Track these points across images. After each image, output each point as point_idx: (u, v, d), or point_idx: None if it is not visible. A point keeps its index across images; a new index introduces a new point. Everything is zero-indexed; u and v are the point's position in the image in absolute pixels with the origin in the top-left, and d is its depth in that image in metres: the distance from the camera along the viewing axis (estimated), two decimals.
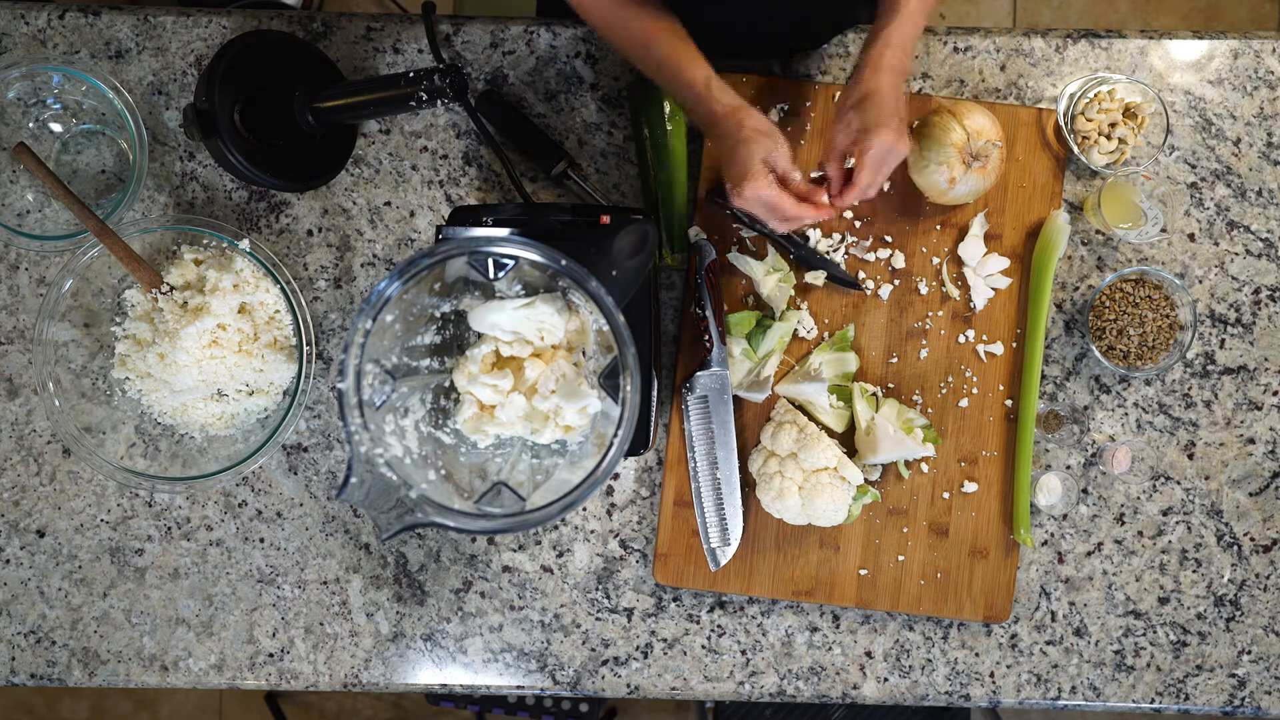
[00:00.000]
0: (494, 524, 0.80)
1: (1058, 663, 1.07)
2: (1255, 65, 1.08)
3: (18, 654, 1.08)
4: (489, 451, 0.91)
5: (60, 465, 1.08)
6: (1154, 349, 1.05)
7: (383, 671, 1.08)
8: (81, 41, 1.09)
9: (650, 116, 1.04)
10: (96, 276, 1.04)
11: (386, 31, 1.09)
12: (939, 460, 1.06)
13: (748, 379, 1.05)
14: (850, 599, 1.05)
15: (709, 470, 1.04)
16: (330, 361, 1.08)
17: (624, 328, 0.78)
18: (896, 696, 1.07)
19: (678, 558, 1.05)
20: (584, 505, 1.05)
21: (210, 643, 1.08)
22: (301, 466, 1.08)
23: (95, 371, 1.07)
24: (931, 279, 1.06)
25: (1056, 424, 1.07)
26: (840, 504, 0.99)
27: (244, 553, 1.08)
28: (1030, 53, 1.08)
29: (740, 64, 1.08)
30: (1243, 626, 1.07)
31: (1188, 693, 1.07)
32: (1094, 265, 1.08)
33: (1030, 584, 1.07)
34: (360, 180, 1.09)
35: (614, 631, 1.08)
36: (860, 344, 1.06)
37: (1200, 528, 1.07)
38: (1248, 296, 1.08)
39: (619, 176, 1.09)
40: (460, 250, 0.79)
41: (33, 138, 1.08)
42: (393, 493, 0.78)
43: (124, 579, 1.08)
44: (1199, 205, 1.08)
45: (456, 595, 1.08)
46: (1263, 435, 1.07)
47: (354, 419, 0.78)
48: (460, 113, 1.09)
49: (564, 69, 1.09)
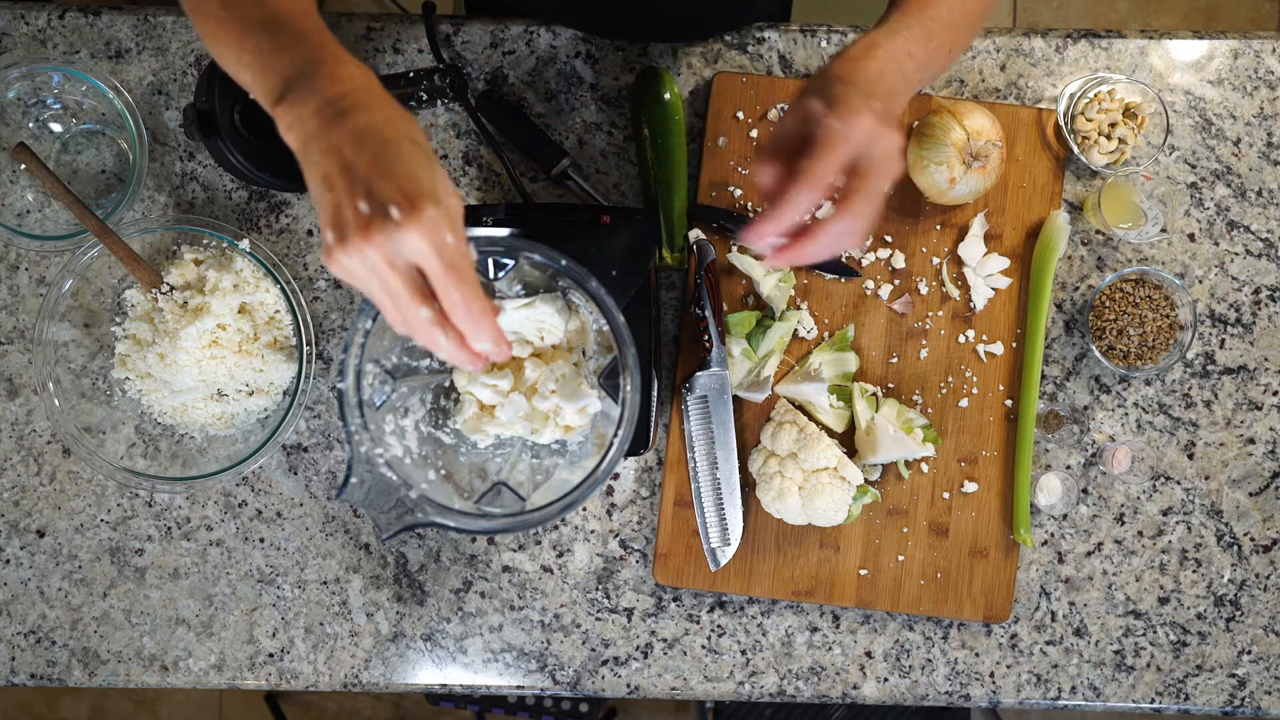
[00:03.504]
0: (494, 524, 0.80)
1: (1058, 663, 1.07)
2: (1255, 65, 1.08)
3: (18, 654, 1.08)
4: (489, 451, 0.91)
5: (60, 465, 1.09)
6: (1154, 349, 1.05)
7: (383, 671, 1.08)
8: (81, 41, 1.09)
9: (650, 116, 1.04)
10: (96, 276, 1.04)
11: (386, 31, 1.09)
12: (939, 460, 1.06)
13: (748, 379, 1.05)
14: (850, 599, 1.05)
15: (709, 470, 1.04)
16: (330, 361, 1.08)
17: (624, 328, 0.79)
18: (896, 696, 1.07)
19: (678, 558, 1.05)
20: (584, 505, 1.05)
21: (210, 643, 1.08)
22: (301, 466, 1.08)
23: (95, 371, 1.07)
24: (931, 279, 1.06)
25: (1056, 424, 1.07)
26: (840, 504, 0.99)
27: (244, 553, 1.08)
28: (1030, 53, 1.08)
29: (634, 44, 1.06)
30: (1243, 626, 1.07)
31: (1188, 693, 1.07)
32: (1094, 265, 1.08)
33: (1030, 584, 1.07)
34: None
35: (614, 631, 1.08)
36: (860, 344, 1.06)
37: (1200, 528, 1.07)
38: (1248, 296, 1.08)
39: (619, 176, 1.09)
40: None
41: (33, 138, 1.08)
42: (393, 493, 0.78)
43: (124, 579, 1.08)
44: (1199, 205, 1.08)
45: (456, 595, 1.08)
46: (1263, 435, 1.07)
47: (354, 419, 0.78)
48: (460, 113, 1.09)
49: (564, 69, 1.09)
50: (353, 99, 0.66)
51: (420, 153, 0.65)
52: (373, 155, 0.64)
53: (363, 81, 0.68)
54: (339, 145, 0.64)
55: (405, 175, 0.63)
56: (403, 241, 0.63)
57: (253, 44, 0.72)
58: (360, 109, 0.66)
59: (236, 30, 0.73)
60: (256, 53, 0.71)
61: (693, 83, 1.09)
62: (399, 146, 0.65)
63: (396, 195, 0.63)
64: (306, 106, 0.67)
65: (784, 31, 1.09)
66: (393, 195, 0.63)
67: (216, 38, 0.75)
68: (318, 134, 0.65)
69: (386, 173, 0.63)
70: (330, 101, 0.66)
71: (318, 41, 0.71)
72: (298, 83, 0.68)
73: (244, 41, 0.72)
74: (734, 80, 1.06)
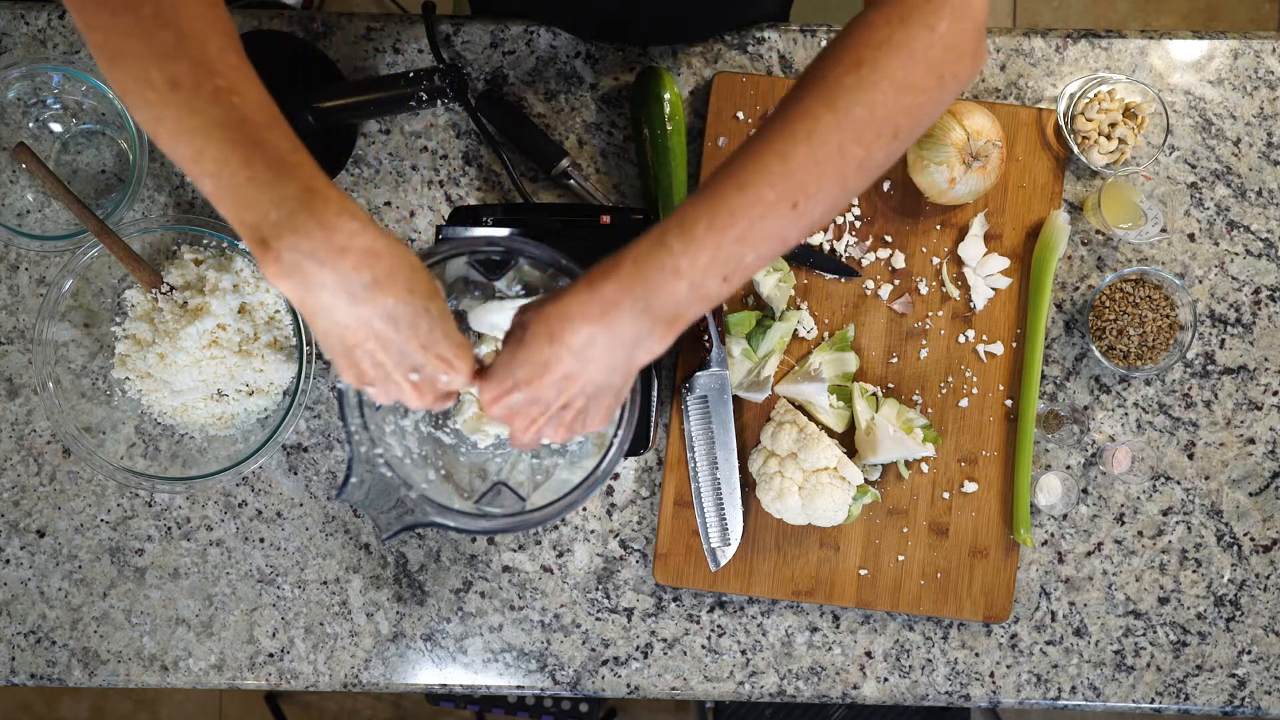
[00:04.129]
0: (494, 524, 0.80)
1: (1058, 663, 1.07)
2: (1255, 65, 1.08)
3: (18, 654, 1.08)
4: (489, 451, 0.91)
5: (60, 465, 1.09)
6: (1154, 349, 1.05)
7: (383, 671, 1.08)
8: (81, 42, 1.09)
9: (650, 116, 1.04)
10: (96, 276, 1.04)
11: (386, 31, 1.09)
12: (939, 460, 1.06)
13: (748, 379, 1.05)
14: (850, 599, 1.05)
15: (709, 470, 1.04)
16: (330, 361, 1.08)
17: None
18: (896, 696, 1.07)
19: (678, 558, 1.05)
20: (584, 505, 1.05)
21: (210, 643, 1.08)
22: (301, 466, 1.08)
23: (95, 371, 1.07)
24: (931, 279, 1.06)
25: (1056, 424, 1.07)
26: (840, 504, 0.99)
27: (244, 553, 1.08)
28: (1030, 53, 1.08)
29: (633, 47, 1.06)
30: (1243, 626, 1.07)
31: (1188, 693, 1.07)
32: (1094, 265, 1.08)
33: (1030, 584, 1.07)
34: (360, 180, 1.09)
35: (614, 631, 1.08)
36: (860, 344, 1.06)
37: (1200, 528, 1.07)
38: (1248, 296, 1.08)
39: (619, 176, 1.09)
40: (460, 250, 0.79)
41: (33, 138, 1.08)
42: (393, 493, 0.78)
43: (124, 579, 1.08)
44: (1199, 205, 1.08)
45: (456, 595, 1.08)
46: (1263, 435, 1.07)
47: (354, 419, 0.78)
48: (460, 113, 1.09)
49: (564, 69, 1.09)
50: (372, 272, 0.62)
51: (434, 296, 0.65)
52: (410, 331, 0.64)
53: (368, 239, 0.62)
54: (369, 321, 0.63)
55: (441, 341, 0.66)
56: (449, 389, 0.69)
57: (216, 154, 0.60)
58: (384, 285, 0.62)
59: (190, 128, 0.60)
60: (223, 169, 0.60)
61: (693, 83, 1.09)
62: (429, 314, 0.65)
63: (441, 365, 0.66)
64: (317, 274, 0.61)
65: (784, 31, 1.09)
66: (439, 366, 0.66)
67: (160, 124, 0.61)
68: (340, 307, 0.62)
69: (427, 346, 0.65)
70: (348, 279, 0.61)
71: (305, 179, 0.61)
72: (286, 229, 0.60)
73: (203, 148, 0.60)
74: (734, 80, 1.06)
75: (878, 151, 0.65)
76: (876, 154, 0.65)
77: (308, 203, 0.60)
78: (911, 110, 0.65)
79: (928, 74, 0.65)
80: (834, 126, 0.63)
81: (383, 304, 0.62)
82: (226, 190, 0.60)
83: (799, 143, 0.63)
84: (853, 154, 0.64)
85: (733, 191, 0.63)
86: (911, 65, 0.64)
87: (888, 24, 0.64)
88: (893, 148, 0.66)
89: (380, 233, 0.63)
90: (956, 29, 0.65)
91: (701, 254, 0.63)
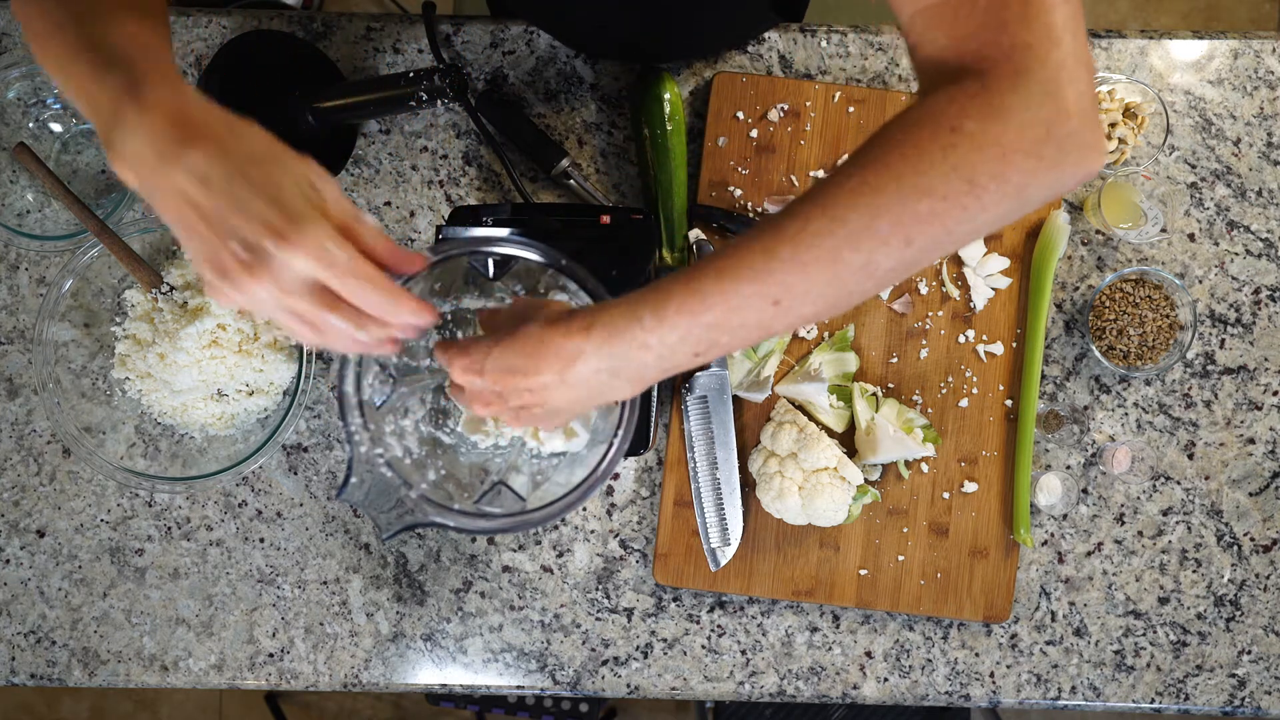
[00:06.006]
0: (494, 524, 0.80)
1: (1058, 663, 1.07)
2: (1255, 65, 1.08)
3: (18, 654, 1.08)
4: (489, 451, 0.91)
5: (60, 465, 1.08)
6: (1154, 349, 1.05)
7: (383, 671, 1.08)
8: None
9: (650, 116, 1.04)
10: (96, 276, 1.04)
11: (386, 31, 1.09)
12: (939, 460, 1.06)
13: (748, 379, 1.05)
14: (850, 599, 1.05)
15: (709, 470, 1.04)
16: (330, 361, 1.08)
17: None
18: (896, 696, 1.07)
19: (678, 558, 1.05)
20: (584, 505, 1.05)
21: (210, 643, 1.08)
22: (301, 466, 1.08)
23: (95, 371, 1.07)
24: (931, 279, 1.06)
25: (1056, 424, 1.07)
26: (840, 504, 0.99)
27: (244, 553, 1.08)
28: None
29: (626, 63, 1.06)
30: (1243, 626, 1.07)
31: (1188, 693, 1.07)
32: (1094, 265, 1.08)
33: (1030, 584, 1.07)
34: (360, 180, 1.09)
35: (614, 631, 1.08)
36: (860, 344, 1.06)
37: (1200, 528, 1.07)
38: (1248, 296, 1.08)
39: (619, 176, 1.09)
40: (460, 250, 0.79)
41: (33, 138, 1.08)
42: (393, 493, 0.78)
43: (124, 579, 1.08)
44: (1199, 205, 1.08)
45: (456, 595, 1.08)
46: (1263, 435, 1.07)
47: (354, 419, 0.78)
48: (460, 113, 1.09)
49: (564, 69, 1.09)
50: (180, 129, 0.59)
51: (270, 160, 0.60)
52: (224, 194, 0.58)
53: (181, 101, 0.60)
54: (183, 189, 0.58)
55: (267, 204, 0.58)
56: (289, 269, 0.59)
57: (75, 72, 0.63)
58: (193, 141, 0.58)
59: (64, 54, 0.64)
60: (79, 83, 0.62)
61: (693, 83, 1.09)
62: (248, 173, 0.59)
63: (266, 231, 0.58)
64: (132, 144, 0.59)
65: (784, 31, 1.09)
66: (263, 232, 0.58)
67: (45, 61, 0.65)
68: (156, 177, 0.59)
69: (246, 209, 0.58)
70: (155, 138, 0.59)
71: (138, 64, 0.61)
72: (117, 117, 0.60)
73: (69, 69, 0.63)
74: (734, 80, 1.06)
75: (884, 258, 0.59)
76: (882, 260, 0.59)
77: (134, 83, 0.60)
78: (928, 218, 0.58)
79: (948, 178, 0.57)
80: (826, 231, 0.59)
81: (188, 160, 0.58)
82: (84, 105, 0.63)
83: (785, 242, 0.60)
84: (849, 259, 0.59)
85: (710, 278, 0.62)
86: (922, 167, 0.57)
87: (901, 121, 0.59)
88: (908, 255, 0.59)
89: (204, 100, 0.61)
90: (1004, 130, 0.56)
91: (671, 333, 0.63)
